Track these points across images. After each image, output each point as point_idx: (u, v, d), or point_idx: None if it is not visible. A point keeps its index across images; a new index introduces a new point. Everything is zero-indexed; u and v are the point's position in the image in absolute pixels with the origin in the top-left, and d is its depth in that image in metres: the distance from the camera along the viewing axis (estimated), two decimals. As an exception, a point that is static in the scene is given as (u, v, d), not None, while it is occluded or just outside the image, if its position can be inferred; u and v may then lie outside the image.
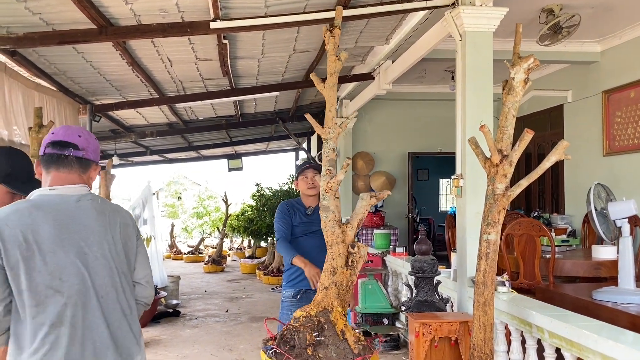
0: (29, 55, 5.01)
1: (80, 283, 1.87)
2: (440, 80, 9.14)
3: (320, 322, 2.76)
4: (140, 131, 9.87)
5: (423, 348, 3.70)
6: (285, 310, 3.79)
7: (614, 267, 4.66)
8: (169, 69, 6.05)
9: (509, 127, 3.05)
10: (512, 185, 3.06)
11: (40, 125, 4.02)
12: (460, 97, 4.47)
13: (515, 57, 3.08)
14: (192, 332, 6.76)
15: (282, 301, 3.86)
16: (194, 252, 15.52)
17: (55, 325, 1.80)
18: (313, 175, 3.81)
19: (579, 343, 2.82)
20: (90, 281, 1.89)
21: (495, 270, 3.10)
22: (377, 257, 6.79)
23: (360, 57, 7.01)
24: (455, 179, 4.45)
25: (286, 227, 3.76)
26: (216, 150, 14.01)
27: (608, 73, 7.22)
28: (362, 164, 10.04)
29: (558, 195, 8.54)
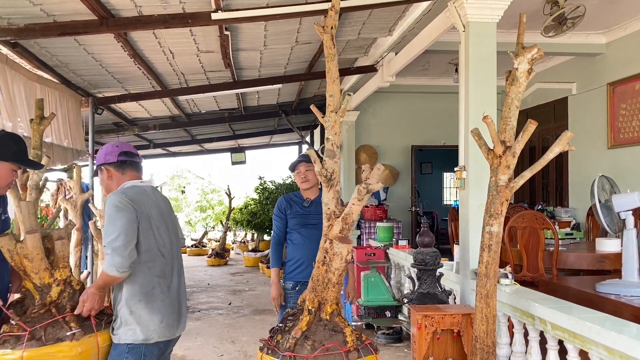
0: (30, 47, 5.00)
1: (171, 250, 2.74)
2: (444, 73, 9.09)
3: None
4: (143, 124, 9.86)
5: (425, 340, 3.69)
6: (287, 302, 3.86)
7: (617, 260, 4.63)
8: (171, 61, 6.02)
9: (512, 118, 3.03)
10: (515, 177, 3.04)
11: (42, 117, 4.00)
12: (463, 88, 4.44)
13: (519, 47, 3.05)
14: (195, 325, 6.77)
15: (285, 292, 3.93)
16: (198, 246, 15.54)
17: (160, 276, 2.63)
18: (305, 169, 3.82)
19: (582, 335, 2.81)
20: (175, 249, 2.78)
21: (497, 262, 3.09)
22: (380, 250, 6.79)
23: (364, 49, 6.97)
24: (458, 170, 4.42)
25: (279, 228, 3.90)
26: (219, 144, 14.00)
27: (613, 65, 7.16)
28: (366, 157, 10.01)
29: (562, 188, 8.50)
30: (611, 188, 4.15)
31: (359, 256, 6.61)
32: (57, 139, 5.94)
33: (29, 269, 2.59)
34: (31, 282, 2.63)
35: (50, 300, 2.57)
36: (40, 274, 2.59)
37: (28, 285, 2.63)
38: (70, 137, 6.26)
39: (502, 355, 3.81)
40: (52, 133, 5.77)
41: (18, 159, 2.75)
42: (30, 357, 2.30)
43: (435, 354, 3.77)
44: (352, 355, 2.64)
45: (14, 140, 2.79)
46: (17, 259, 2.58)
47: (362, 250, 6.76)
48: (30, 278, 2.61)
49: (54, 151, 5.77)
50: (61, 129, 6.03)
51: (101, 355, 2.56)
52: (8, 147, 2.72)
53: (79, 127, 6.65)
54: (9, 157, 2.71)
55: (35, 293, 2.61)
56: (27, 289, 2.64)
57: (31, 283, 2.63)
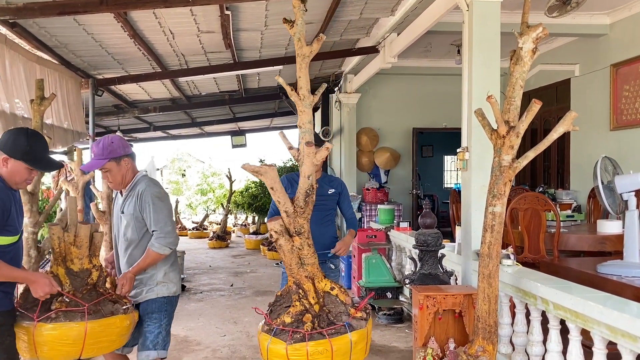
0: (29, 27, 4.95)
1: None
2: (446, 54, 9.02)
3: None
4: (144, 106, 9.82)
5: (427, 320, 3.71)
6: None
7: (619, 241, 4.63)
8: (171, 41, 5.97)
9: (516, 98, 3.00)
10: (517, 158, 3.02)
11: (42, 97, 3.98)
12: (466, 69, 4.40)
13: (523, 26, 3.02)
14: (197, 306, 6.81)
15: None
16: (199, 228, 15.58)
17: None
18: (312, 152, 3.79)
19: (584, 314, 2.82)
20: None
21: (500, 242, 3.09)
22: (381, 232, 6.80)
23: (365, 29, 6.91)
24: (460, 152, 4.41)
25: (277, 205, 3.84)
26: (220, 127, 13.95)
27: (617, 46, 7.10)
28: (367, 139, 9.97)
29: (563, 170, 8.48)
30: (614, 169, 4.14)
31: (360, 238, 6.62)
32: (58, 121, 5.92)
33: (74, 255, 2.88)
34: (64, 268, 2.85)
35: (92, 282, 2.89)
36: (83, 260, 2.90)
37: (59, 271, 2.84)
38: (70, 118, 6.23)
39: (504, 335, 3.84)
40: (52, 114, 5.75)
41: (28, 158, 2.68)
42: (93, 327, 2.69)
43: (437, 334, 3.79)
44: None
45: (27, 138, 2.70)
46: (62, 246, 2.86)
47: (363, 232, 6.77)
48: (70, 264, 2.87)
49: (54, 133, 5.75)
50: (61, 111, 6.00)
51: (127, 330, 2.95)
52: (20, 146, 2.66)
53: (79, 109, 6.62)
54: (19, 155, 2.65)
55: (65, 278, 2.83)
56: (56, 274, 2.84)
57: (64, 269, 2.85)
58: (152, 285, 3.13)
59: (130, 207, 3.10)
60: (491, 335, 3.04)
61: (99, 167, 3.06)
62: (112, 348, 2.89)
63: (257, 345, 5.02)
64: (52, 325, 2.63)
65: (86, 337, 2.65)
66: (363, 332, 2.70)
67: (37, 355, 2.63)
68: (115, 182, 3.11)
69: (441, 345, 3.76)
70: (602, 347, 2.76)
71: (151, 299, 3.13)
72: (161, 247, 3.02)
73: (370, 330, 2.80)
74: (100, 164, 3.04)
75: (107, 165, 3.04)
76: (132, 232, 3.10)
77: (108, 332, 2.77)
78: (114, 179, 3.09)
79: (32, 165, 2.70)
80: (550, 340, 3.22)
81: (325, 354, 2.54)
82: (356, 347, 2.65)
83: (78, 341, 2.64)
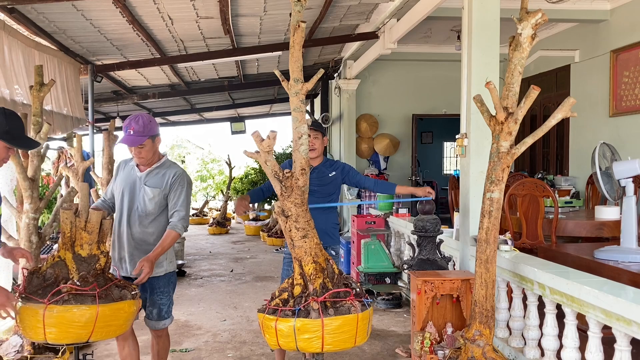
0: (27, 12, 4.93)
1: None
2: (446, 40, 8.97)
3: None
4: (143, 93, 9.79)
5: (425, 305, 3.75)
6: (285, 266, 3.92)
7: (616, 227, 4.66)
8: (170, 27, 5.95)
9: (515, 84, 3.01)
10: (516, 144, 3.04)
11: (42, 83, 3.99)
12: (466, 55, 4.40)
13: (522, 12, 3.01)
14: (197, 291, 6.87)
15: (283, 258, 3.99)
16: (199, 215, 15.63)
17: None
18: (313, 136, 3.79)
19: (580, 299, 2.86)
20: None
21: (498, 228, 3.12)
22: (380, 218, 6.84)
23: (365, 14, 6.87)
24: (459, 138, 4.42)
25: (268, 186, 3.94)
26: (219, 113, 13.92)
27: (617, 32, 7.08)
28: (366, 126, 9.96)
29: (562, 156, 8.50)
30: (612, 155, 4.16)
31: (360, 224, 6.66)
32: (57, 107, 5.92)
33: (84, 240, 2.91)
34: (72, 253, 2.88)
35: (100, 267, 2.92)
36: (92, 246, 2.93)
37: (67, 256, 2.87)
38: (70, 105, 6.23)
39: (501, 319, 3.88)
40: (51, 101, 5.74)
41: (8, 137, 2.70)
42: (104, 310, 2.73)
43: (435, 319, 3.84)
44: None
45: (6, 118, 2.72)
46: (74, 231, 2.90)
47: (362, 219, 6.80)
48: (78, 249, 2.90)
49: (54, 119, 5.74)
50: (60, 97, 6.00)
51: (133, 316, 3.00)
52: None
53: (78, 95, 6.61)
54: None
55: (72, 263, 2.86)
56: (64, 259, 2.88)
57: (71, 254, 2.88)
58: (162, 261, 3.32)
59: (158, 182, 3.28)
60: (488, 319, 3.08)
61: (140, 144, 3.17)
62: (118, 332, 2.97)
63: (257, 330, 5.09)
64: (63, 307, 2.66)
65: (97, 321, 2.70)
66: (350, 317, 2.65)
67: (45, 337, 2.67)
68: (147, 158, 3.25)
69: (439, 329, 3.81)
70: (597, 331, 2.80)
71: (160, 275, 3.35)
72: (183, 229, 3.25)
73: (362, 318, 2.68)
74: (142, 141, 3.17)
75: (145, 142, 3.19)
76: (155, 206, 3.27)
77: (117, 317, 2.83)
78: (147, 155, 3.23)
79: (11, 143, 2.73)
80: (547, 325, 3.27)
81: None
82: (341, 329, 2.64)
83: (88, 324, 2.69)
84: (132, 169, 3.35)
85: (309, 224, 2.76)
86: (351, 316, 2.59)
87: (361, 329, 2.64)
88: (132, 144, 3.19)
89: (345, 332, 2.59)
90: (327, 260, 2.80)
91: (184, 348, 4.67)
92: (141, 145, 3.18)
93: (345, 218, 9.70)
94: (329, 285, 2.71)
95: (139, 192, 3.29)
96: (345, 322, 2.58)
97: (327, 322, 2.53)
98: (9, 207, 4.18)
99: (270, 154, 2.71)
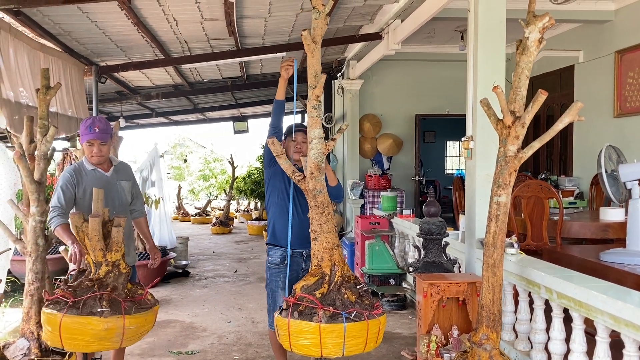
0: (33, 15, 4.93)
1: None
2: (449, 40, 8.97)
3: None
4: (146, 93, 9.80)
5: (431, 308, 3.75)
6: (274, 277, 3.61)
7: (621, 229, 4.66)
8: (175, 29, 5.95)
9: (522, 88, 3.01)
10: (523, 147, 3.03)
11: (48, 86, 3.98)
12: (471, 57, 4.39)
13: (529, 16, 3.01)
14: (202, 292, 6.88)
15: (268, 268, 3.67)
16: (202, 214, 15.64)
17: None
18: (302, 139, 3.56)
19: (588, 303, 2.85)
20: None
21: (505, 232, 3.11)
22: (384, 219, 6.84)
23: (369, 16, 6.87)
24: (465, 140, 4.42)
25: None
26: (222, 113, 13.92)
27: (622, 32, 7.06)
28: (369, 126, 9.96)
29: (566, 157, 8.49)
30: (618, 158, 4.16)
31: (364, 225, 6.66)
32: (62, 109, 5.92)
33: (88, 246, 2.97)
34: (90, 257, 2.98)
35: (97, 277, 2.92)
36: (95, 252, 2.95)
37: (89, 259, 3.00)
38: (74, 106, 6.23)
39: (507, 323, 3.88)
40: (56, 102, 5.75)
41: None
42: (67, 322, 2.67)
43: (440, 322, 3.84)
44: None
45: None
46: (81, 235, 2.97)
47: (366, 220, 6.80)
48: (89, 254, 3.00)
49: (58, 120, 5.75)
50: (65, 98, 6.00)
51: (127, 334, 2.83)
52: None
53: (82, 96, 6.61)
54: None
55: (93, 267, 2.98)
56: (89, 262, 3.01)
57: (91, 258, 2.97)
58: (131, 251, 3.63)
59: (126, 176, 3.67)
60: (495, 323, 3.08)
61: (106, 140, 3.45)
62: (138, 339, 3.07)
63: (262, 332, 5.10)
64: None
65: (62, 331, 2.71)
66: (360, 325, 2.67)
67: (62, 345, 2.75)
68: (106, 156, 3.51)
69: (445, 332, 3.81)
70: (605, 336, 2.80)
71: (133, 265, 3.52)
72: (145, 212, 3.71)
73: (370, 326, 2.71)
74: (107, 138, 3.47)
75: (109, 140, 3.50)
76: (130, 197, 3.66)
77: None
78: (107, 152, 3.51)
79: None
80: (554, 329, 3.26)
81: None
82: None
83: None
84: (96, 172, 3.52)
85: (321, 227, 2.78)
86: (362, 323, 2.62)
87: (372, 337, 2.66)
88: (103, 138, 3.43)
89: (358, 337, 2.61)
90: (333, 266, 2.80)
91: (189, 350, 4.68)
92: (105, 142, 3.45)
93: (348, 218, 9.70)
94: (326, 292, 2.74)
95: (115, 189, 3.53)
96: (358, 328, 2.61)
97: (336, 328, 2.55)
98: (16, 209, 4.19)
99: (282, 157, 2.72)
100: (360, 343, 2.55)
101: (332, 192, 3.59)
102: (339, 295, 2.66)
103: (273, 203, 3.67)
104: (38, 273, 4.03)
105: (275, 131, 3.60)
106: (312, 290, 2.70)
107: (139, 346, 4.64)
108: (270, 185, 3.69)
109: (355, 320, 2.55)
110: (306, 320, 2.58)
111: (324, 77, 3.08)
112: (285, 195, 3.57)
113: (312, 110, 2.95)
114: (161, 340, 4.96)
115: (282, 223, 3.56)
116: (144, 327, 2.94)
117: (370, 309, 2.66)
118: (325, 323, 2.52)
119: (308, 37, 2.97)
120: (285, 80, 3.56)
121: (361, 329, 2.55)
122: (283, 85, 3.60)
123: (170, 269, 7.85)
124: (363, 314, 2.59)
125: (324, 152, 3.02)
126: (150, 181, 9.04)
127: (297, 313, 2.63)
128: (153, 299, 3.13)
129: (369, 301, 2.75)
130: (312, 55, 2.96)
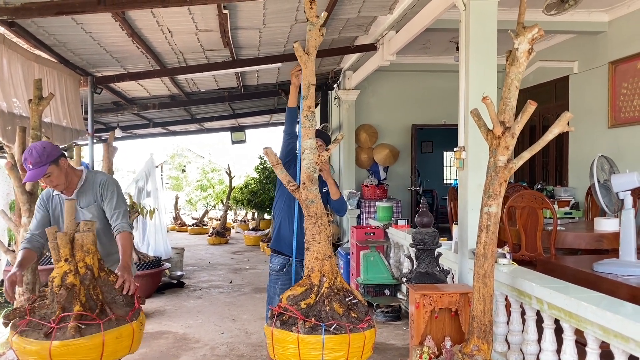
0: (27, 26, 4.96)
1: None
2: (445, 51, 9.01)
3: None
4: (143, 103, 9.83)
5: (423, 319, 3.73)
6: (272, 283, 3.69)
7: (615, 239, 4.65)
8: (170, 40, 5.98)
9: (511, 98, 3.02)
10: (514, 157, 3.04)
11: (40, 97, 4.00)
12: (463, 68, 4.41)
13: (519, 27, 3.02)
14: (196, 303, 6.84)
15: (269, 273, 3.75)
16: (198, 224, 15.62)
17: None
18: (319, 145, 3.56)
19: (578, 314, 2.84)
20: None
21: (495, 242, 3.11)
22: (379, 229, 6.82)
23: (364, 27, 6.91)
24: (457, 151, 4.42)
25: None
26: (219, 123, 13.96)
27: (615, 43, 7.10)
28: (366, 136, 9.98)
29: (562, 167, 8.50)
30: (610, 168, 4.16)
31: (359, 235, 6.64)
32: (56, 119, 5.94)
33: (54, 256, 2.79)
34: None
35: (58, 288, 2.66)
36: (61, 262, 2.72)
37: None
38: (69, 116, 6.25)
39: (499, 334, 3.86)
40: (51, 113, 5.76)
41: None
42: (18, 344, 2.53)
43: (433, 332, 3.82)
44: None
45: None
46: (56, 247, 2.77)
47: (361, 230, 6.79)
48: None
49: (53, 131, 5.76)
50: (60, 109, 6.02)
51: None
52: None
53: (77, 107, 6.63)
54: None
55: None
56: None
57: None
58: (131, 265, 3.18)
59: (89, 199, 3.18)
60: (486, 334, 3.07)
61: (43, 175, 3.00)
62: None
63: (255, 343, 5.07)
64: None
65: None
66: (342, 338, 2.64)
67: None
68: (61, 183, 3.08)
69: (437, 343, 3.78)
70: (595, 347, 2.78)
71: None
72: (129, 226, 3.14)
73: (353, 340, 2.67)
74: (44, 171, 2.98)
75: (48, 169, 3.00)
76: (99, 221, 3.13)
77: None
78: (59, 180, 3.06)
79: None
80: (545, 340, 3.25)
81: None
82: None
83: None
84: (60, 197, 3.21)
85: (313, 238, 2.77)
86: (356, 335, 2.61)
87: (356, 351, 2.64)
88: (36, 178, 3.04)
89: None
90: (322, 277, 2.79)
91: (181, 361, 4.65)
92: (46, 174, 3.01)
93: (344, 228, 9.69)
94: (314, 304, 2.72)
95: (77, 217, 3.04)
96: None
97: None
98: (7, 220, 4.19)
99: (278, 167, 2.73)
100: (342, 357, 2.52)
101: (334, 205, 3.69)
102: (325, 307, 2.64)
103: (280, 208, 3.72)
104: (29, 284, 4.03)
105: (289, 138, 3.65)
106: (299, 301, 2.69)
107: (132, 358, 4.60)
108: (280, 190, 3.74)
109: (335, 333, 2.52)
110: (287, 330, 2.56)
111: (313, 88, 3.08)
112: (292, 203, 3.60)
113: (304, 121, 2.96)
114: (153, 351, 4.92)
115: (286, 230, 3.61)
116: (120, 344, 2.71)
117: (356, 323, 2.64)
118: (304, 334, 2.50)
119: (300, 49, 2.98)
120: (297, 87, 3.49)
121: (341, 342, 2.53)
122: (294, 92, 3.52)
123: (165, 279, 7.81)
124: (345, 327, 2.57)
125: (316, 162, 3.02)
126: (146, 191, 9.03)
127: (279, 322, 2.62)
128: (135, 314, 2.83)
129: (356, 314, 2.72)
130: (306, 66, 2.97)
